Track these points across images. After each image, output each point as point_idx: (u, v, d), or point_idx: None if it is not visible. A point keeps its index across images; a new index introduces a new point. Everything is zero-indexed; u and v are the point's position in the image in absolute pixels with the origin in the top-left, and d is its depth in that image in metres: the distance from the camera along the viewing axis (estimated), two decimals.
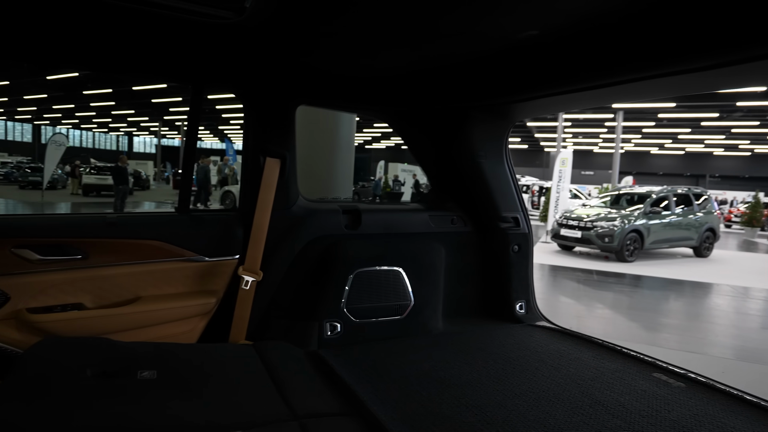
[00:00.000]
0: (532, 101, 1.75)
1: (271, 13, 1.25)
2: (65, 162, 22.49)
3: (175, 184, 26.05)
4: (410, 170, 25.51)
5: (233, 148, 20.63)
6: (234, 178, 16.97)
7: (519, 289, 2.23)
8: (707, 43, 1.12)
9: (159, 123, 35.98)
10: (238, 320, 1.75)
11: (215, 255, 1.79)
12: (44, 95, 28.58)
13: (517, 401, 1.37)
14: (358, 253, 1.93)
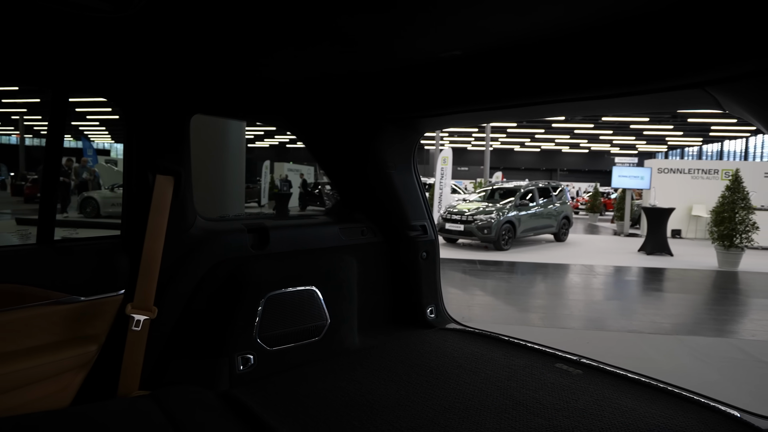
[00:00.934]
0: (444, 117, 1.81)
1: (160, 8, 1.08)
2: None
3: (15, 189, 21.73)
4: (296, 169, 24.98)
5: (92, 147, 17.96)
6: (96, 182, 14.82)
7: (429, 294, 2.31)
8: (602, 77, 1.27)
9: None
10: (129, 368, 1.50)
11: (93, 293, 1.51)
12: None
13: (448, 415, 1.41)
14: (268, 275, 1.80)
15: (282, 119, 2.11)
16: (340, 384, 1.62)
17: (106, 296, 1.52)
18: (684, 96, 1.24)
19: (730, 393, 3.23)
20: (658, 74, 1.17)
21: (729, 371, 3.68)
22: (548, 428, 1.36)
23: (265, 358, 1.74)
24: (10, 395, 1.31)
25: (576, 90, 1.35)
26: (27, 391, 1.35)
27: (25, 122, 30.32)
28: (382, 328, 2.22)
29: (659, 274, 8.26)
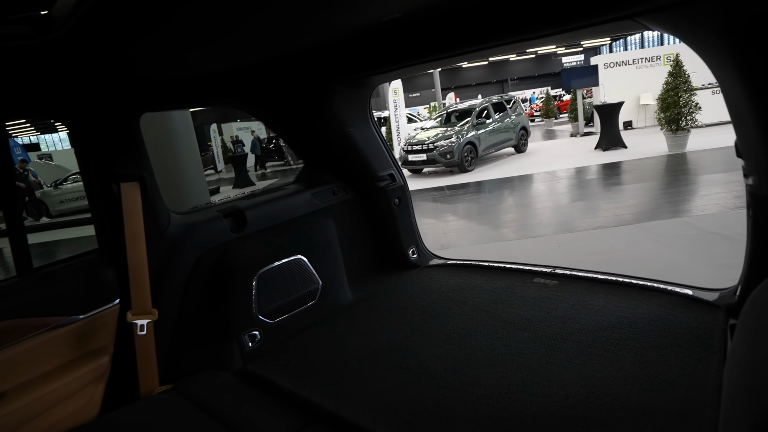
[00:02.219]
0: (392, 72, 1.80)
1: (82, 23, 1.00)
2: None
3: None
4: (246, 127, 23.89)
5: (19, 145, 16.57)
6: (37, 183, 13.88)
7: (407, 237, 2.42)
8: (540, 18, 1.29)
9: None
10: (145, 369, 1.56)
11: (89, 309, 1.52)
12: None
13: (448, 347, 1.55)
14: (253, 254, 1.84)
15: (235, 102, 2.04)
16: (344, 339, 1.73)
17: (103, 309, 1.54)
18: (617, 26, 1.29)
19: (689, 267, 3.62)
20: (591, 10, 1.21)
21: (684, 248, 4.08)
22: (534, 339, 1.53)
23: (269, 331, 1.82)
24: (41, 419, 1.36)
25: (516, 33, 1.37)
26: (55, 412, 1.40)
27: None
28: (371, 278, 2.34)
29: (616, 168, 8.71)
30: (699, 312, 1.52)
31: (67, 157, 18.29)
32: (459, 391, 1.32)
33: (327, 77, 1.91)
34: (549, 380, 1.31)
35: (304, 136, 2.27)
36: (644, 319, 1.53)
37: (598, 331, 1.51)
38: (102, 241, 1.62)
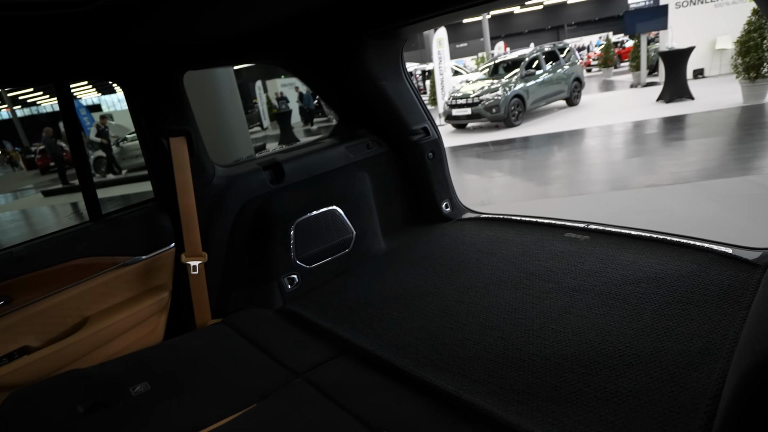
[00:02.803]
0: (424, 21, 1.77)
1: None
2: None
3: (28, 163, 22.01)
4: (290, 83, 23.96)
5: (83, 106, 17.63)
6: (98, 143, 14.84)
7: (441, 190, 2.45)
8: None
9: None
10: (199, 304, 1.75)
11: (150, 251, 1.71)
12: None
13: (471, 294, 1.62)
14: (291, 205, 1.96)
15: (270, 58, 2.10)
16: (374, 284, 1.84)
17: (161, 251, 1.72)
18: None
19: (743, 228, 3.40)
20: None
21: (746, 209, 3.81)
22: (557, 290, 1.55)
23: (307, 275, 1.96)
24: (117, 341, 1.60)
25: None
26: (128, 335, 1.63)
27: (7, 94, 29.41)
28: (404, 229, 2.41)
29: (679, 122, 8.07)
30: (734, 270, 1.48)
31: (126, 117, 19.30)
32: (477, 333, 1.38)
33: (357, 30, 1.91)
34: (565, 327, 1.35)
35: (338, 91, 2.30)
36: (673, 275, 1.51)
37: (622, 285, 1.51)
38: (157, 191, 1.79)
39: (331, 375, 1.28)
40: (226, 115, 3.93)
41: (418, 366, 1.28)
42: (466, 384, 1.17)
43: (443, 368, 1.25)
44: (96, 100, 40.46)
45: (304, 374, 1.29)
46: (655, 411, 0.99)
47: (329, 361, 1.36)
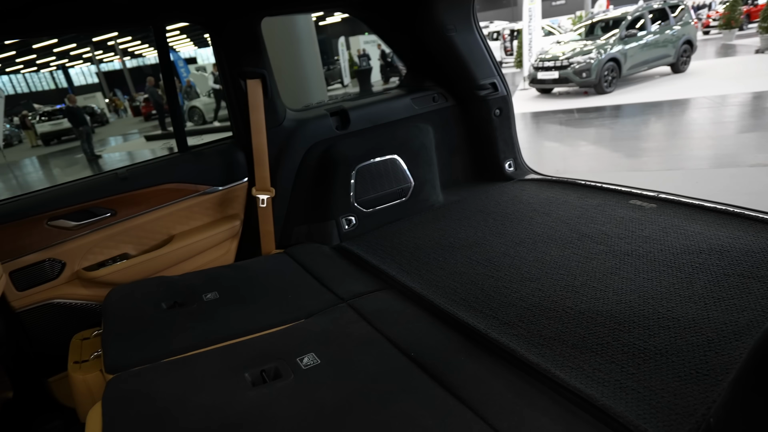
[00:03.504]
0: None
1: None
2: (10, 114, 20.75)
3: (134, 111, 24.50)
4: (373, 41, 23.77)
5: (181, 58, 18.96)
6: (194, 92, 15.99)
7: (506, 149, 2.40)
8: None
9: (91, 47, 32.37)
10: (265, 235, 1.94)
11: (226, 183, 1.91)
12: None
13: (519, 248, 1.62)
14: (353, 150, 2.04)
15: (341, 5, 2.14)
16: (426, 232, 1.89)
17: (236, 184, 1.91)
18: None
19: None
20: None
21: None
22: (607, 253, 1.50)
23: (363, 218, 2.07)
24: (195, 259, 1.85)
25: None
26: (204, 255, 1.87)
27: (120, 46, 32.39)
28: (463, 185, 2.41)
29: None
30: None
31: None
32: (516, 284, 1.40)
33: None
34: (607, 287, 1.32)
35: (408, 41, 2.29)
36: (741, 249, 1.38)
37: (680, 254, 1.42)
38: (235, 130, 1.96)
39: (373, 304, 1.38)
40: (303, 63, 4.11)
41: (453, 304, 1.34)
42: (495, 325, 1.21)
43: (476, 309, 1.30)
44: (192, 53, 43.37)
45: (349, 300, 1.41)
46: (682, 370, 0.97)
47: (373, 293, 1.46)
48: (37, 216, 1.59)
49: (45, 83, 48.30)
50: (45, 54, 36.89)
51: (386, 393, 0.97)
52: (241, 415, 0.93)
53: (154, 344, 1.21)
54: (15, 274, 1.58)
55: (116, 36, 30.49)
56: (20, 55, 35.34)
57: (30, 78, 47.07)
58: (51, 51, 35.68)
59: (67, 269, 1.66)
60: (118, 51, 32.44)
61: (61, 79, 48.68)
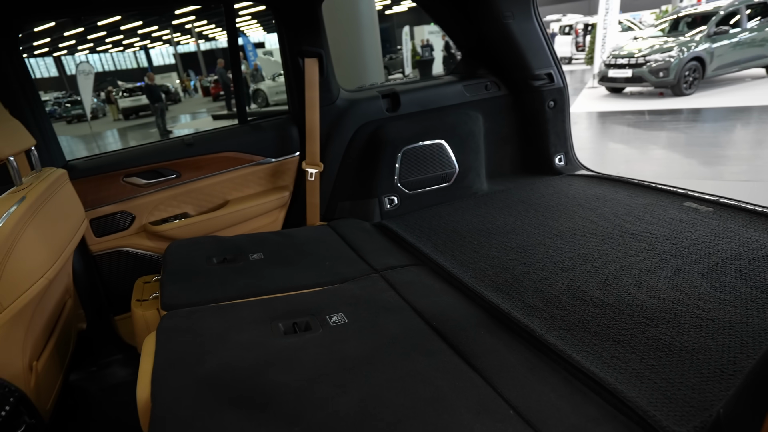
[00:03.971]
0: None
1: None
2: (97, 90, 22.73)
3: (204, 91, 25.97)
4: (438, 31, 23.47)
5: (250, 42, 19.75)
6: (260, 75, 16.66)
7: (557, 142, 2.34)
8: None
9: (171, 30, 34.57)
10: (311, 207, 2.04)
11: (279, 155, 2.03)
12: (51, 23, 27.90)
13: (556, 239, 1.59)
14: (401, 132, 2.09)
15: None
16: (465, 217, 1.91)
17: (288, 157, 2.03)
18: None
19: None
20: None
21: None
22: (649, 251, 1.44)
23: (405, 199, 2.12)
24: (246, 224, 2.00)
25: None
26: (254, 222, 2.01)
27: (196, 29, 34.35)
28: (509, 176, 2.38)
29: None
30: None
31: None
32: (548, 271, 1.39)
33: None
34: (642, 283, 1.27)
35: (463, 26, 2.29)
36: None
37: (730, 259, 1.33)
38: (290, 105, 2.08)
39: (404, 276, 1.43)
40: (363, 47, 4.24)
41: (481, 284, 1.36)
42: (519, 307, 1.22)
43: (503, 291, 1.32)
44: (261, 38, 45.13)
45: (382, 271, 1.48)
46: (706, 368, 0.93)
47: (405, 267, 1.52)
48: (116, 172, 1.79)
49: (129, 62, 52.36)
50: (130, 35, 39.90)
51: (404, 353, 1.03)
52: (272, 355, 1.02)
53: (203, 291, 1.35)
54: (94, 222, 1.80)
55: (193, 20, 32.34)
56: (110, 35, 38.45)
57: (116, 57, 51.18)
58: (136, 32, 38.53)
59: (136, 222, 1.86)
60: (194, 34, 34.45)
61: (143, 59, 52.52)
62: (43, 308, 1.30)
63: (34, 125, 1.64)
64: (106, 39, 39.79)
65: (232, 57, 2.01)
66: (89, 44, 42.08)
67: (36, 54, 44.56)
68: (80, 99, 18.29)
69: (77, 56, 45.41)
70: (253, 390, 0.91)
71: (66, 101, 23.57)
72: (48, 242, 1.22)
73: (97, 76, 25.36)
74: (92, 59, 48.02)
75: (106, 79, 33.74)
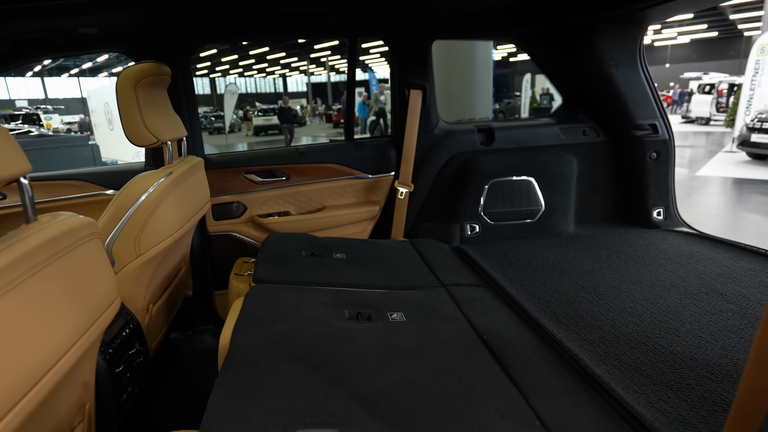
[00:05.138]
0: (664, 4, 1.63)
1: None
2: (238, 107, 26.20)
3: (327, 119, 28.40)
4: None
5: (375, 77, 21.26)
6: (378, 105, 17.79)
7: (657, 195, 2.22)
8: None
9: (307, 62, 38.66)
10: (397, 223, 2.21)
11: (376, 173, 2.25)
12: (214, 51, 32.98)
13: (632, 287, 1.53)
14: (492, 165, 2.18)
15: (504, 35, 2.31)
16: (542, 253, 1.90)
17: (383, 175, 2.24)
18: None
19: None
20: None
21: None
22: (735, 312, 1.31)
23: (487, 228, 2.18)
24: (337, 229, 2.23)
25: None
26: (344, 229, 2.23)
27: (330, 63, 38.01)
28: (601, 223, 2.31)
29: None
30: None
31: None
32: (614, 313, 1.34)
33: (590, 12, 1.90)
34: (716, 340, 1.16)
35: (565, 72, 2.33)
36: None
37: None
38: (393, 130, 2.30)
39: (467, 294, 1.50)
40: (474, 86, 4.45)
41: (540, 312, 1.37)
42: (574, 338, 1.21)
43: (561, 321, 1.31)
44: (386, 74, 48.17)
45: (448, 286, 1.56)
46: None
47: (471, 286, 1.58)
48: (239, 168, 2.15)
49: (268, 87, 59.44)
50: (273, 63, 45.40)
51: (449, 353, 1.10)
52: (333, 332, 1.17)
53: (288, 273, 1.56)
54: (215, 207, 2.16)
55: (327, 55, 35.79)
56: (257, 63, 44.14)
57: (258, 81, 58.46)
58: (278, 62, 43.75)
59: (247, 212, 2.19)
60: (326, 67, 38.11)
61: (280, 85, 59.12)
62: (165, 265, 1.61)
63: (187, 123, 2.06)
64: (253, 66, 45.84)
65: (348, 84, 2.31)
66: (239, 69, 48.76)
67: (197, 74, 52.75)
68: (223, 114, 21.38)
69: (227, 78, 52.77)
70: (310, 353, 1.06)
71: (212, 115, 27.48)
72: (180, 210, 1.53)
73: (240, 97, 29.25)
74: (239, 81, 55.43)
75: (246, 100, 38.66)
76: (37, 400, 0.71)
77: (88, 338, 0.87)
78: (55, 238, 0.78)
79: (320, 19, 1.98)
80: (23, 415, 0.67)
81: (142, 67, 1.48)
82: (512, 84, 28.36)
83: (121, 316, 1.32)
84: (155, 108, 1.55)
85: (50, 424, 0.86)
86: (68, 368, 0.79)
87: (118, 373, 1.22)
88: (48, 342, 0.74)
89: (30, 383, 0.69)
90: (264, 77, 58.17)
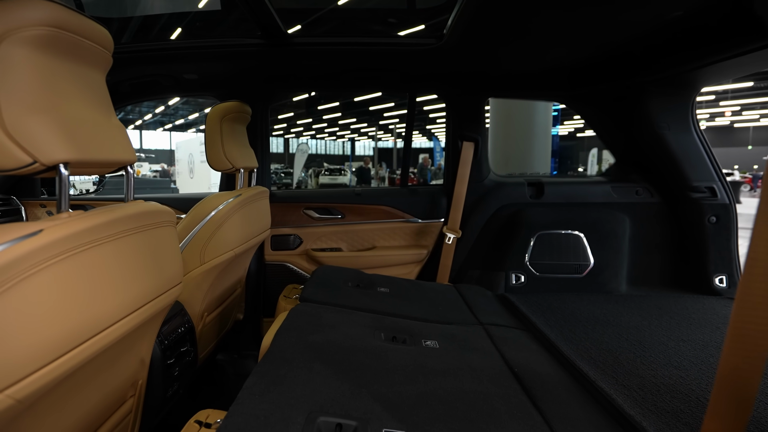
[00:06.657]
0: (717, 64, 1.67)
1: (461, 35, 1.70)
2: (308, 166, 28.04)
3: (390, 182, 29.61)
4: None
5: (440, 144, 22.02)
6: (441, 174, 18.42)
7: (719, 262, 2.11)
8: None
9: (375, 128, 41.01)
10: (443, 267, 2.26)
11: (426, 218, 2.35)
12: (291, 114, 36.02)
13: (682, 345, 1.45)
14: (540, 218, 2.21)
15: (557, 96, 2.44)
16: (589, 307, 1.84)
17: (433, 221, 2.34)
18: None
19: None
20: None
21: None
22: None
23: (532, 279, 2.16)
24: (385, 269, 2.34)
25: None
26: (392, 269, 2.34)
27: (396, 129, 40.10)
28: (658, 287, 2.20)
29: None
30: None
31: None
32: (657, 365, 1.26)
33: (638, 76, 1.96)
34: (766, 397, 1.07)
35: (617, 133, 2.36)
36: None
37: None
38: (445, 179, 2.42)
39: (504, 333, 1.49)
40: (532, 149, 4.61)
41: (578, 356, 1.32)
42: (610, 382, 1.17)
43: (599, 366, 1.26)
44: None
45: (485, 325, 1.56)
46: None
47: (509, 327, 1.57)
48: (299, 203, 2.35)
49: (337, 149, 63.13)
50: (344, 128, 48.49)
51: (476, 378, 1.11)
52: (368, 348, 1.23)
53: (332, 297, 1.66)
54: (274, 238, 2.35)
55: (396, 122, 37.76)
56: (329, 126, 47.35)
57: (328, 143, 62.35)
58: (348, 126, 46.69)
59: (302, 246, 2.35)
60: (393, 133, 40.08)
61: (347, 148, 62.52)
62: (223, 280, 1.77)
63: (259, 158, 2.32)
64: (325, 129, 49.23)
65: (406, 135, 2.50)
66: (311, 131, 52.49)
67: (273, 134, 57.29)
68: (292, 171, 22.98)
69: (300, 139, 56.85)
70: (342, 359, 1.12)
71: (282, 171, 29.50)
72: (243, 229, 1.71)
73: (310, 157, 31.35)
74: (310, 143, 59.43)
75: (315, 159, 41.19)
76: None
77: (153, 306, 0.98)
78: (142, 214, 0.95)
79: (383, 74, 2.22)
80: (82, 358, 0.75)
81: (228, 105, 1.75)
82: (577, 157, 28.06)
83: (179, 315, 1.47)
84: (234, 139, 1.80)
85: (109, 386, 0.98)
86: (133, 326, 0.90)
87: (169, 365, 1.34)
88: (121, 295, 0.85)
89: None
90: (334, 140, 61.98)
